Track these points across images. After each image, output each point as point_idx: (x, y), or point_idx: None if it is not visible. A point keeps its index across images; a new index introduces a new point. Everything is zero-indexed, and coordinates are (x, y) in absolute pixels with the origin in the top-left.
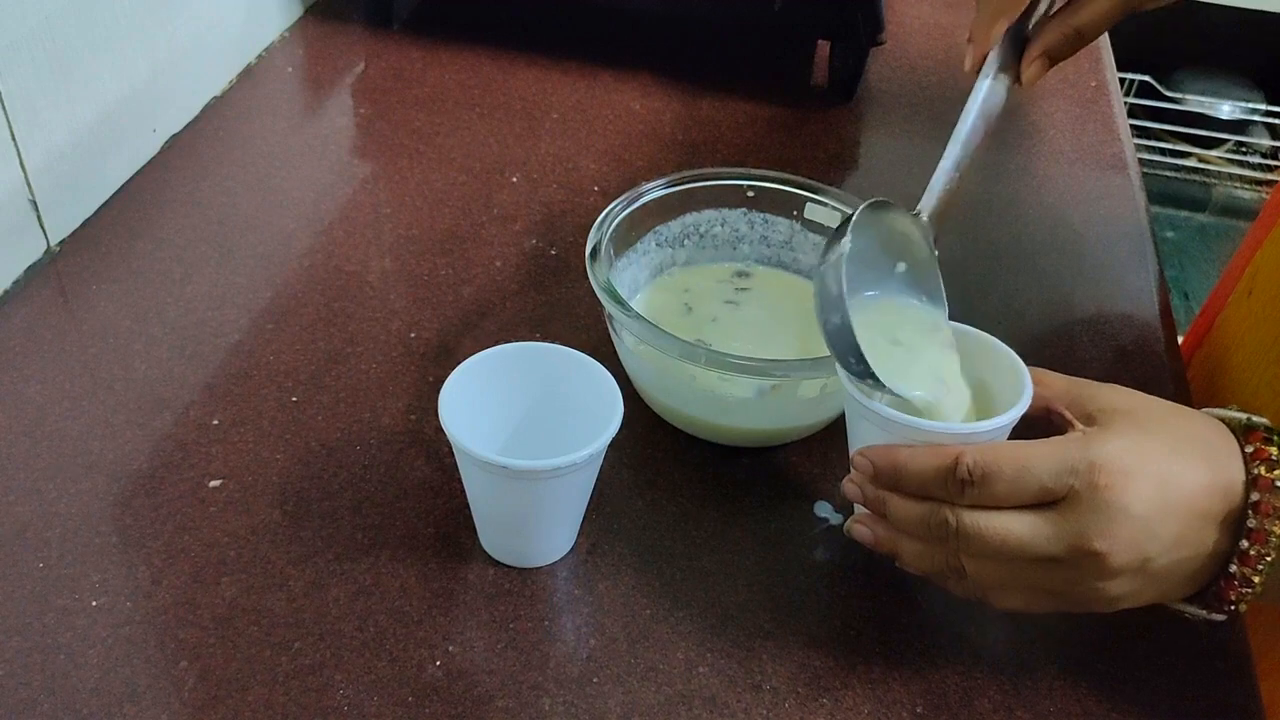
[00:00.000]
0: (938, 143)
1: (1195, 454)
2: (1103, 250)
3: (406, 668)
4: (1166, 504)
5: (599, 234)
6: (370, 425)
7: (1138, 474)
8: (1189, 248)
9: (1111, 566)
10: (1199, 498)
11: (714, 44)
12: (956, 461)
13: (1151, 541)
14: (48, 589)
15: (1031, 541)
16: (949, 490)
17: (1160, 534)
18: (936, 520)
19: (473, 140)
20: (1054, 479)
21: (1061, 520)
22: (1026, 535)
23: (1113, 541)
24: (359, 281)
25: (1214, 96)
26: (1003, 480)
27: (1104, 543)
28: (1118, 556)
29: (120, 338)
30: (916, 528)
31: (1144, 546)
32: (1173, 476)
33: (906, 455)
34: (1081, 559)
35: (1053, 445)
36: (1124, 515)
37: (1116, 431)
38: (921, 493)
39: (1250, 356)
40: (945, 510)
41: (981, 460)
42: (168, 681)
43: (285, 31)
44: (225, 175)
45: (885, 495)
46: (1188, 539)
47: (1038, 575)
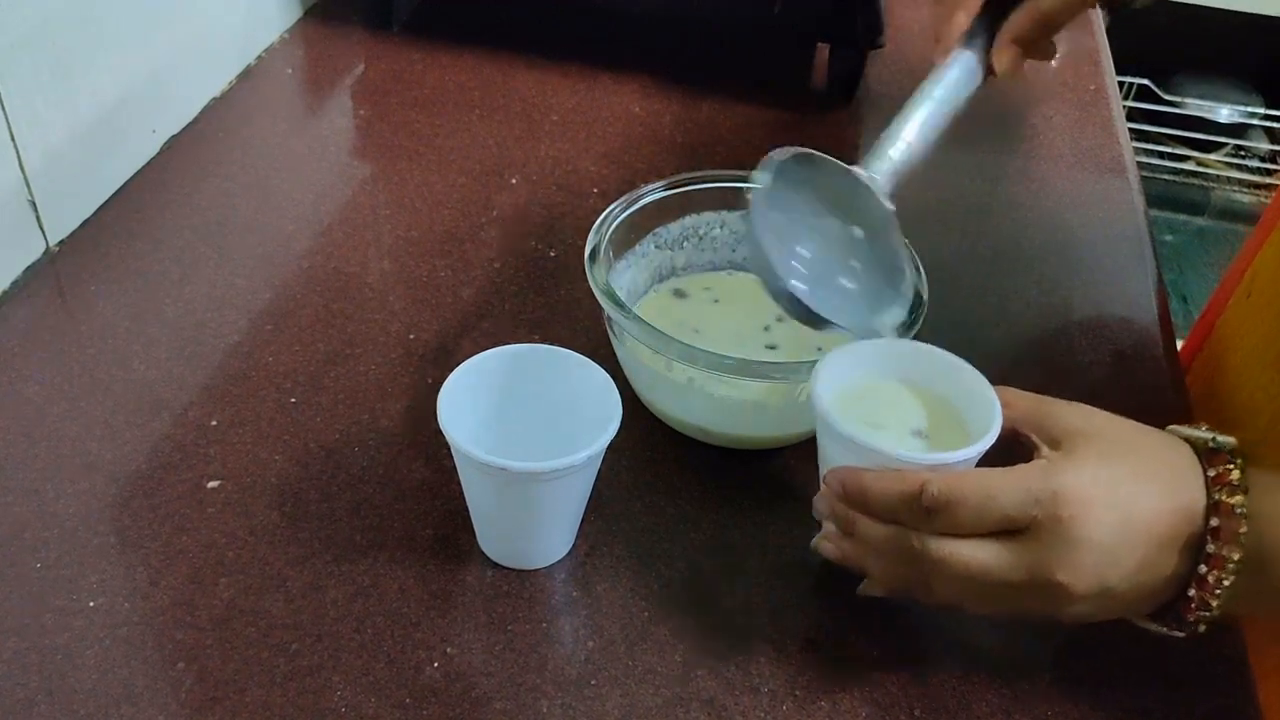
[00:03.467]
0: (937, 145)
1: (1157, 478)
2: (1101, 253)
3: (404, 669)
4: (1128, 532)
5: (598, 236)
6: (369, 427)
7: (1100, 503)
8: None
9: (1073, 594)
10: (1160, 523)
11: (714, 46)
12: (922, 489)
13: (1113, 569)
14: (45, 589)
15: (995, 569)
16: (914, 516)
17: (1122, 561)
18: (903, 545)
19: (472, 142)
20: (1017, 509)
21: (1025, 550)
22: (990, 563)
23: (1075, 571)
24: (358, 283)
25: (1213, 100)
26: (966, 508)
27: (1066, 573)
28: (1080, 585)
29: (119, 338)
30: (883, 549)
31: (1105, 574)
32: (1135, 503)
33: (873, 479)
34: (1044, 587)
35: (1016, 474)
36: (1086, 545)
37: (1080, 458)
38: (888, 517)
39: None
40: (911, 536)
41: (946, 489)
42: (165, 682)
43: (285, 33)
44: (224, 176)
45: (854, 515)
46: (1149, 564)
47: (1001, 598)
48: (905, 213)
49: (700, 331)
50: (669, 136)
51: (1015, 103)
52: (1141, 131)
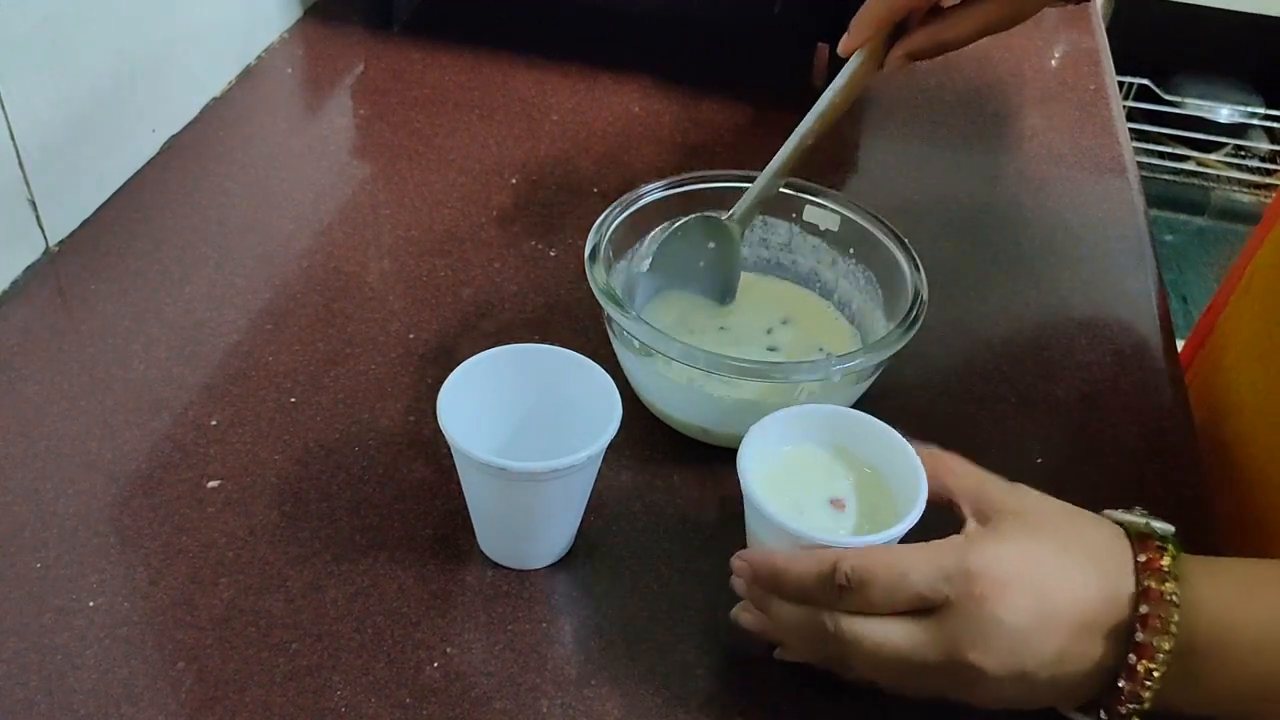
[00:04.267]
0: (937, 145)
1: (1082, 562)
2: (1101, 254)
3: (404, 669)
4: (1045, 616)
5: (598, 236)
6: (369, 426)
7: (1015, 584)
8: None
9: (988, 676)
10: (1084, 609)
11: (714, 46)
12: (834, 567)
13: (1029, 655)
14: (45, 589)
15: (908, 649)
16: (827, 596)
17: (1039, 647)
18: (815, 625)
19: (472, 142)
20: (929, 587)
21: (937, 629)
22: (903, 643)
23: (987, 654)
24: (358, 282)
25: (1213, 100)
26: (878, 587)
27: (978, 655)
28: (994, 667)
29: (119, 338)
30: (799, 632)
31: (1021, 659)
32: (1054, 587)
33: (785, 561)
34: (958, 668)
35: (931, 551)
36: (999, 627)
37: (1001, 536)
38: (801, 597)
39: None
40: (824, 616)
41: (859, 566)
42: (165, 682)
43: (285, 32)
44: (224, 176)
45: (766, 598)
46: (1072, 652)
47: (917, 678)
48: (906, 213)
49: (699, 333)
50: (669, 136)
51: (1015, 103)
52: (1141, 131)
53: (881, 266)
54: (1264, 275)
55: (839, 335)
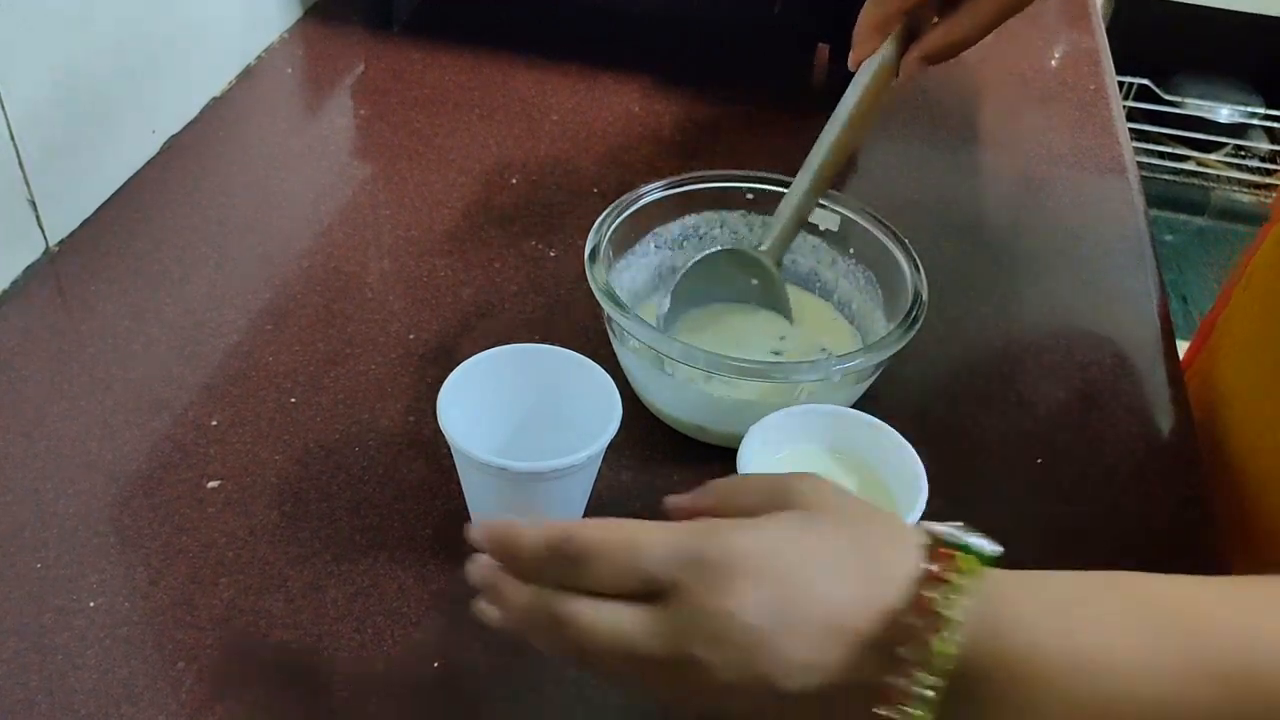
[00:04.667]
0: (938, 145)
1: (849, 564)
2: (1101, 253)
3: (404, 669)
4: (785, 616)
5: (598, 236)
6: (369, 427)
7: (754, 577)
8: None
9: (719, 681)
10: (835, 613)
11: (714, 46)
12: (569, 537)
13: (771, 661)
14: (45, 589)
15: (631, 637)
16: (559, 571)
17: (777, 650)
18: (540, 613)
19: (472, 142)
20: (661, 568)
21: (664, 618)
22: (626, 629)
23: (715, 651)
24: (358, 283)
25: (1213, 100)
26: (604, 561)
27: (705, 650)
28: (724, 671)
29: (119, 338)
30: (525, 622)
31: (760, 665)
32: (802, 585)
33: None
34: (685, 666)
35: (673, 531)
36: (729, 621)
37: (759, 525)
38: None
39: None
40: (550, 598)
41: (590, 537)
42: (165, 682)
43: (285, 32)
44: (224, 176)
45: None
46: (824, 663)
47: (653, 679)
48: (906, 212)
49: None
50: (669, 136)
51: (1015, 103)
52: (1141, 131)
53: (881, 266)
54: (1262, 273)
55: (839, 335)
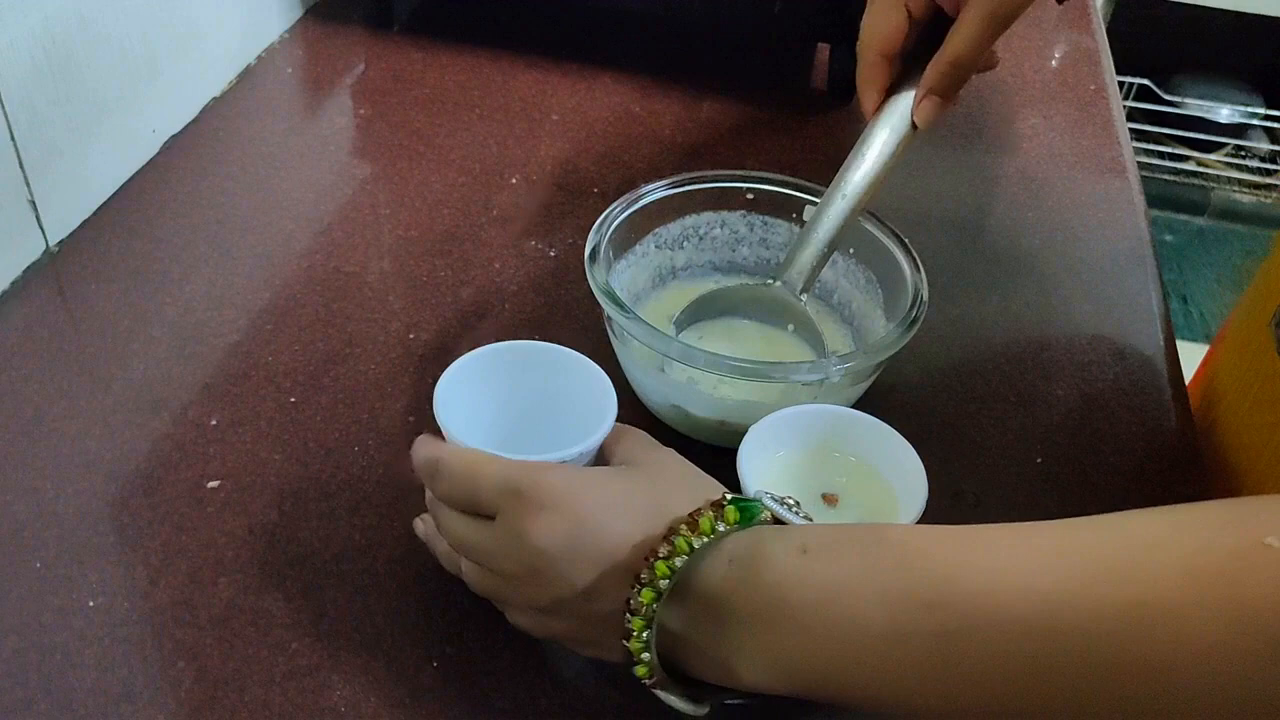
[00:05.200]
0: (936, 146)
1: (638, 508)
2: (1101, 254)
3: (404, 668)
4: (573, 546)
5: (598, 236)
6: (369, 426)
7: (553, 510)
8: (1188, 251)
9: (523, 594)
10: (618, 550)
11: (714, 46)
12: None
13: (557, 581)
14: (45, 588)
15: (467, 544)
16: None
17: (566, 576)
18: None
19: (472, 141)
20: (487, 494)
21: (489, 535)
22: (463, 536)
23: (516, 568)
24: (358, 282)
25: (1213, 100)
26: (446, 479)
27: (511, 566)
28: (525, 585)
29: (119, 338)
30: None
31: (549, 584)
32: (594, 521)
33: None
34: (502, 578)
35: (506, 464)
36: (530, 546)
37: (577, 470)
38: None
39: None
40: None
41: (444, 459)
42: (165, 681)
43: (285, 32)
44: (224, 176)
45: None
46: (599, 588)
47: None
48: (906, 213)
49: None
50: (669, 136)
51: (1015, 103)
52: (1141, 131)
53: (881, 266)
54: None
55: (837, 336)
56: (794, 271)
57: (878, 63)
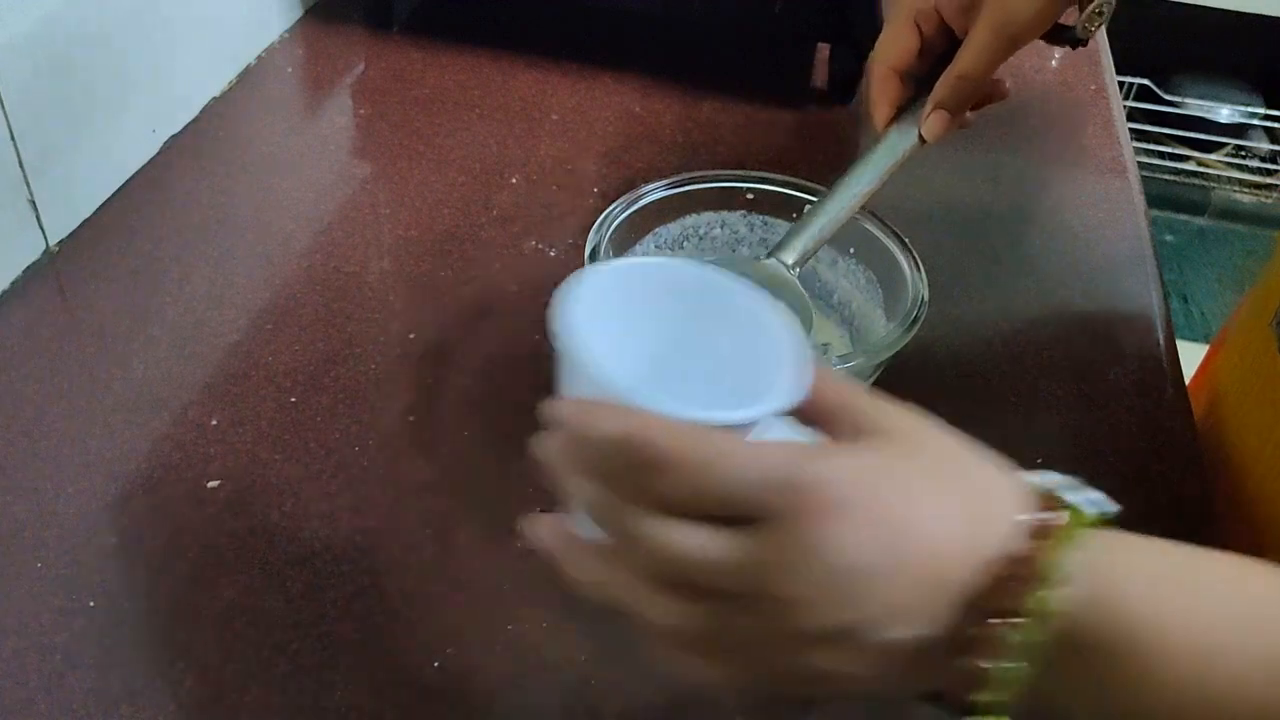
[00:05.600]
0: (937, 145)
1: (954, 504)
2: (1101, 254)
3: (404, 669)
4: (893, 562)
5: (598, 236)
6: (369, 426)
7: (858, 511)
8: (1188, 251)
9: (801, 626)
10: (948, 563)
11: (714, 46)
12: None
13: (868, 605)
14: (45, 589)
15: (704, 561)
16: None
17: (882, 598)
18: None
19: (472, 141)
20: (750, 488)
21: (750, 546)
22: (697, 552)
23: (805, 589)
24: (358, 282)
25: (1213, 100)
26: (684, 471)
27: (794, 588)
28: (811, 614)
29: (119, 338)
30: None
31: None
32: (910, 524)
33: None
34: (763, 605)
35: (762, 449)
36: (830, 562)
37: (857, 451)
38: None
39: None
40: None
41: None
42: (165, 682)
43: (285, 32)
44: (224, 176)
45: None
46: (926, 613)
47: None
48: (906, 213)
49: None
50: (669, 136)
51: (1015, 103)
52: (1141, 131)
53: (881, 266)
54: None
55: (837, 336)
56: (786, 251)
57: (889, 76)
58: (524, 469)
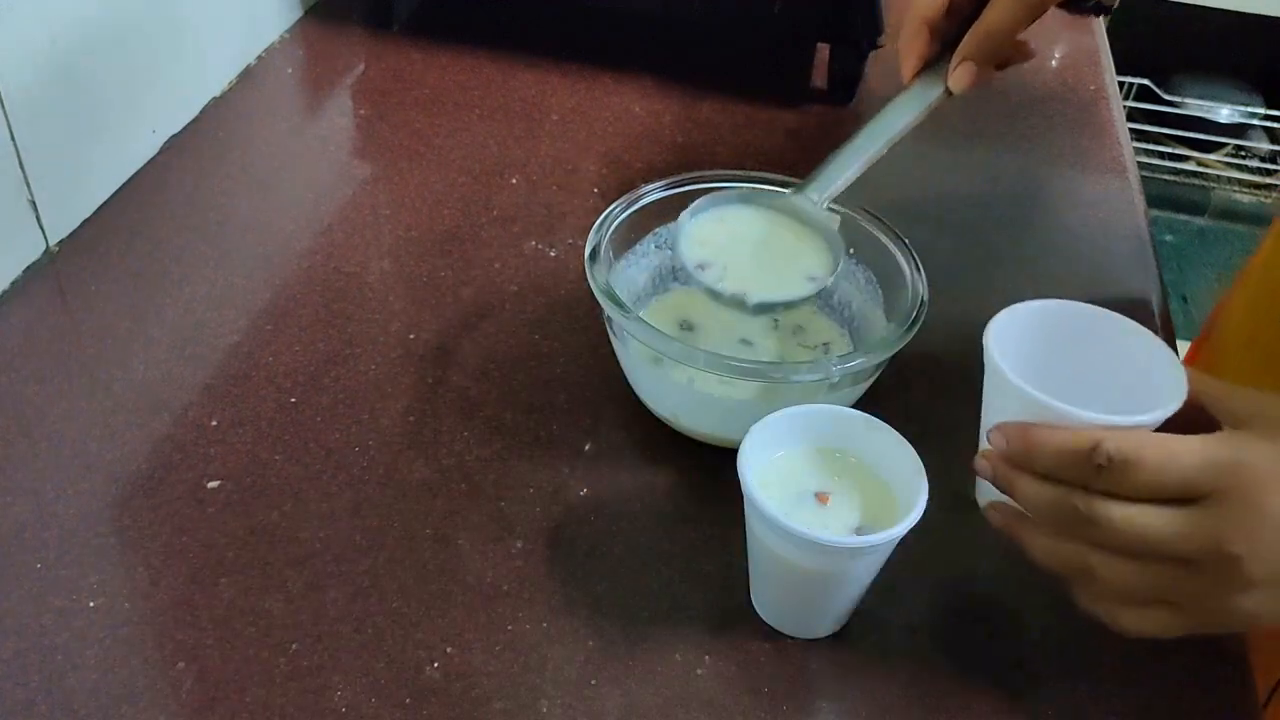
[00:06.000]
0: (938, 145)
1: None
2: (1102, 254)
3: (404, 669)
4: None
5: (598, 236)
6: (369, 426)
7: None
8: (1188, 251)
9: (1248, 575)
10: None
11: (714, 46)
12: (1097, 445)
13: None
14: (45, 589)
15: (1165, 537)
16: (1084, 475)
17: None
18: (1066, 506)
19: (472, 142)
20: (1199, 473)
21: (1201, 518)
22: (1161, 529)
23: (1253, 545)
24: (358, 283)
25: (1213, 100)
26: (1145, 469)
27: (1243, 546)
28: (1256, 564)
29: (119, 338)
30: (1045, 513)
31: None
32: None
33: (1044, 434)
34: (1218, 563)
35: (1200, 440)
36: (1269, 520)
37: (1269, 436)
38: (1054, 475)
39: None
40: (1076, 496)
41: (1125, 447)
42: (165, 682)
43: (285, 32)
44: (224, 176)
45: (1015, 475)
46: None
47: (1168, 580)
48: (906, 213)
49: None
50: (669, 136)
51: (1015, 103)
52: (1141, 131)
53: (881, 266)
54: (1260, 271)
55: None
56: (813, 188)
57: (920, 30)
58: (524, 469)
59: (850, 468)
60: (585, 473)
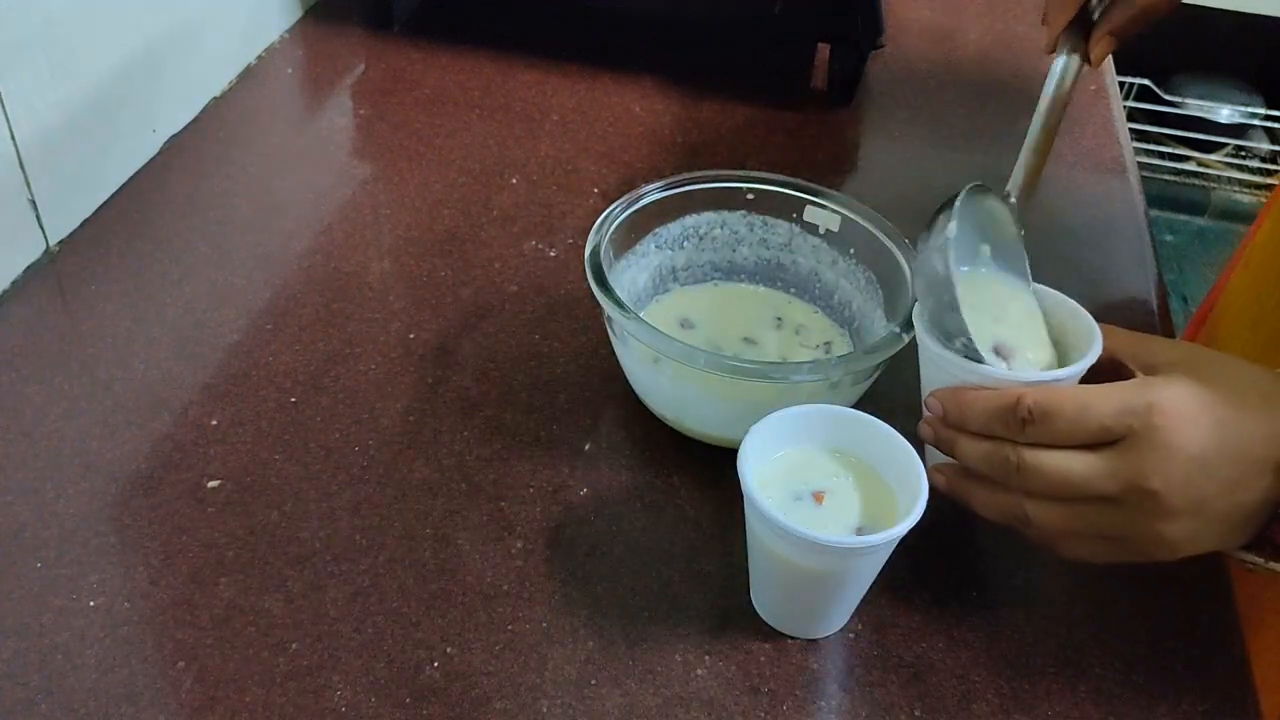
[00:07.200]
0: (938, 145)
1: (1255, 403)
2: (1102, 254)
3: (404, 669)
4: (1223, 446)
5: (598, 236)
6: (369, 426)
7: (1195, 417)
8: (1188, 251)
9: (1168, 506)
10: (1256, 444)
11: (714, 47)
12: (1019, 400)
13: (1208, 482)
14: (45, 589)
15: (1088, 479)
16: (1011, 429)
17: (1216, 475)
18: (998, 458)
19: (472, 142)
20: (1113, 418)
21: (1119, 459)
22: (1084, 472)
23: (1169, 480)
24: (358, 283)
25: (1213, 100)
26: (1063, 419)
27: (1160, 481)
28: (1174, 496)
29: (119, 338)
30: (981, 466)
31: (1201, 487)
32: (1230, 421)
33: (972, 395)
34: (1139, 498)
35: (1113, 388)
36: (1180, 455)
37: (1177, 379)
38: (986, 431)
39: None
40: (1007, 449)
41: (1043, 400)
42: (165, 682)
43: (285, 32)
44: (225, 176)
45: (953, 435)
46: (1244, 483)
47: (1097, 517)
48: (906, 213)
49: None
50: (669, 136)
51: (1015, 103)
52: (1141, 131)
53: (882, 266)
54: (1259, 254)
55: (838, 336)
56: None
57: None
58: (524, 469)
59: (850, 467)
60: (585, 473)
